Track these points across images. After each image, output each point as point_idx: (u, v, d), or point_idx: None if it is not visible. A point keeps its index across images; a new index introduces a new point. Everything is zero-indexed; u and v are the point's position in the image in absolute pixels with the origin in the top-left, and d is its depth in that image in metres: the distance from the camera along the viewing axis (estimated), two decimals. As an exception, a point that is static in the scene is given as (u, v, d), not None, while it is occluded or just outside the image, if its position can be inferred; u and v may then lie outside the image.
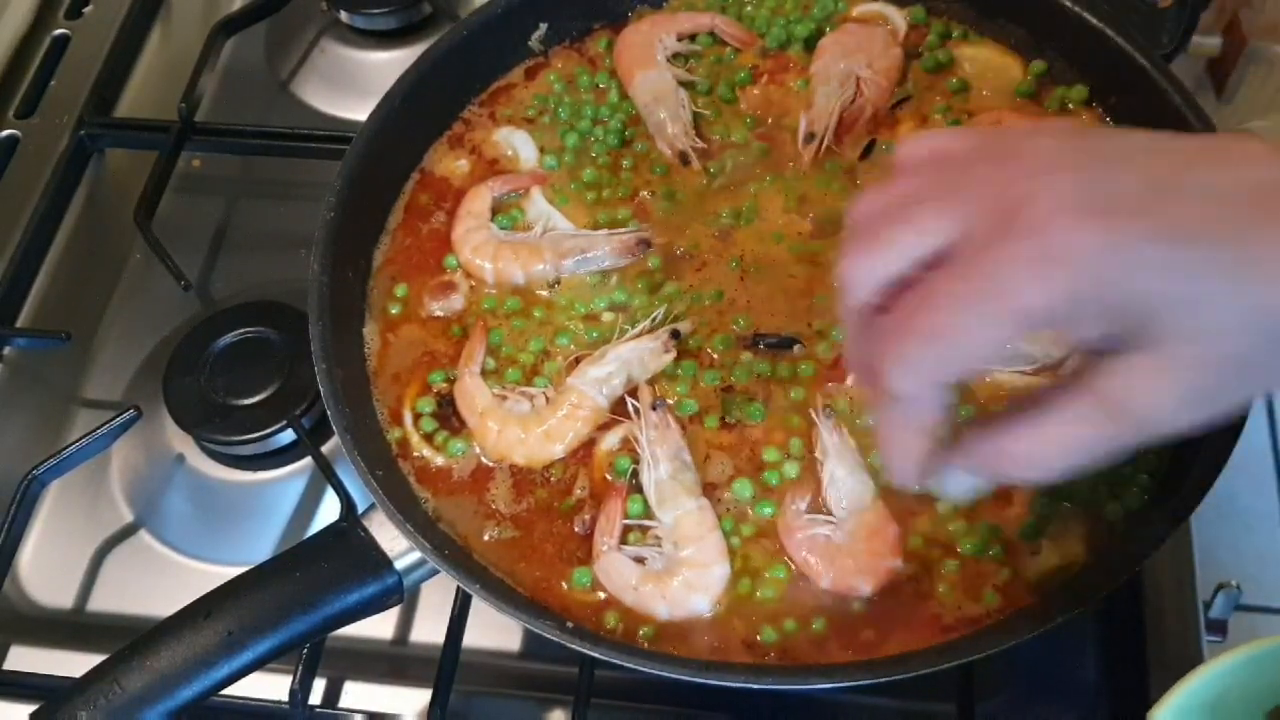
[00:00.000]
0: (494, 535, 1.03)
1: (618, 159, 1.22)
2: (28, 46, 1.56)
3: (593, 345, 1.10)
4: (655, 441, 1.03)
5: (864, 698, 1.08)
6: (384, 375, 1.11)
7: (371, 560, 0.96)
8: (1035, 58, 1.23)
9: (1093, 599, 0.91)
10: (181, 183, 1.41)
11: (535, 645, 1.13)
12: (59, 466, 1.18)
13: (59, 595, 1.19)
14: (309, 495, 1.22)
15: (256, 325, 1.26)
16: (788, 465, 1.03)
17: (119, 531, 1.22)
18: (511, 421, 1.06)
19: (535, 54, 1.29)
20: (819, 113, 1.20)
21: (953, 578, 0.98)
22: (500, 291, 1.15)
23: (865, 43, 1.24)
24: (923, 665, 0.91)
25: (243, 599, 0.93)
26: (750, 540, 1.01)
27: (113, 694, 0.88)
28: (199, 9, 1.62)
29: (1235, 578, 1.08)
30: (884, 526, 0.99)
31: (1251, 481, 1.16)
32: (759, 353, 1.10)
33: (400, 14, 1.52)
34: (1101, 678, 1.08)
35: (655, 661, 0.92)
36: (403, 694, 1.11)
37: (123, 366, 1.32)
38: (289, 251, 1.35)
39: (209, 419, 1.21)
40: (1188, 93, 1.10)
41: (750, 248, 1.15)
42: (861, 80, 1.21)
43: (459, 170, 1.23)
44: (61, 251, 1.41)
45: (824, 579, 0.98)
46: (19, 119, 1.50)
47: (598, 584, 1.00)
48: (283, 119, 1.45)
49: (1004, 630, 0.94)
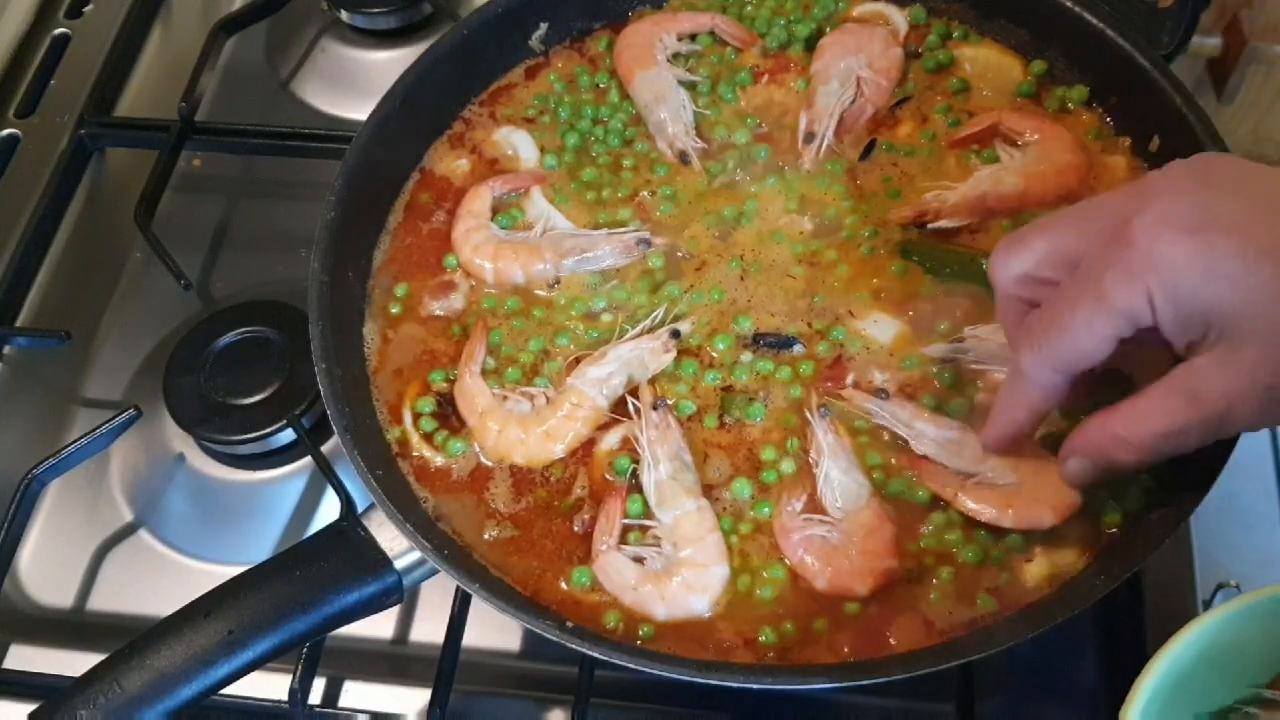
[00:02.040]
0: (494, 535, 1.03)
1: (618, 159, 1.22)
2: (28, 46, 1.57)
3: (593, 345, 1.10)
4: (656, 441, 1.03)
5: (864, 698, 1.08)
6: (384, 375, 1.11)
7: (371, 560, 0.96)
8: (1036, 58, 1.23)
9: (1093, 599, 0.91)
10: (181, 182, 1.42)
11: (535, 645, 1.13)
12: (59, 466, 1.19)
13: (59, 595, 1.19)
14: (309, 495, 1.22)
15: (256, 325, 1.26)
16: (785, 464, 1.04)
17: (119, 531, 1.22)
18: (512, 421, 1.06)
19: (535, 54, 1.29)
20: (819, 113, 1.20)
21: (949, 581, 0.98)
22: (500, 291, 1.15)
23: (865, 43, 1.24)
24: (923, 665, 0.91)
25: (243, 598, 0.93)
26: (748, 539, 1.01)
27: (113, 694, 0.88)
28: (199, 9, 1.62)
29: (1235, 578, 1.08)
30: (880, 527, 0.99)
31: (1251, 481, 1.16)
32: (759, 352, 1.10)
33: (400, 14, 1.52)
34: (1101, 678, 1.08)
35: (655, 661, 0.92)
36: (403, 694, 1.11)
37: (123, 366, 1.32)
38: (289, 251, 1.35)
39: (209, 419, 1.21)
40: (1188, 93, 1.10)
41: (750, 248, 1.15)
42: (862, 80, 1.21)
43: (459, 170, 1.23)
44: (61, 251, 1.41)
45: (820, 579, 0.98)
46: (19, 119, 1.50)
47: (597, 584, 1.00)
48: (283, 119, 1.45)
49: (1004, 630, 0.94)
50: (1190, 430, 0.83)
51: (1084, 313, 0.82)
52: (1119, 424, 0.86)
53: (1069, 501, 0.98)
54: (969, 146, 1.19)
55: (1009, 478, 0.99)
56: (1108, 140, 1.18)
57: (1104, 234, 0.82)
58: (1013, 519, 0.98)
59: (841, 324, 1.10)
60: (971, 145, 1.19)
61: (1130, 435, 0.86)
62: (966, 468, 1.00)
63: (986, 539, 0.99)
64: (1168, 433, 0.84)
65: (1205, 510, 0.93)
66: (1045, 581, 0.98)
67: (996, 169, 1.15)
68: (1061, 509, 0.98)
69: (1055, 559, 0.98)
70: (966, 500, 0.99)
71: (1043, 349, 0.86)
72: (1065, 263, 0.86)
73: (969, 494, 0.99)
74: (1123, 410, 0.86)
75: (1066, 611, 0.91)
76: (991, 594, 0.97)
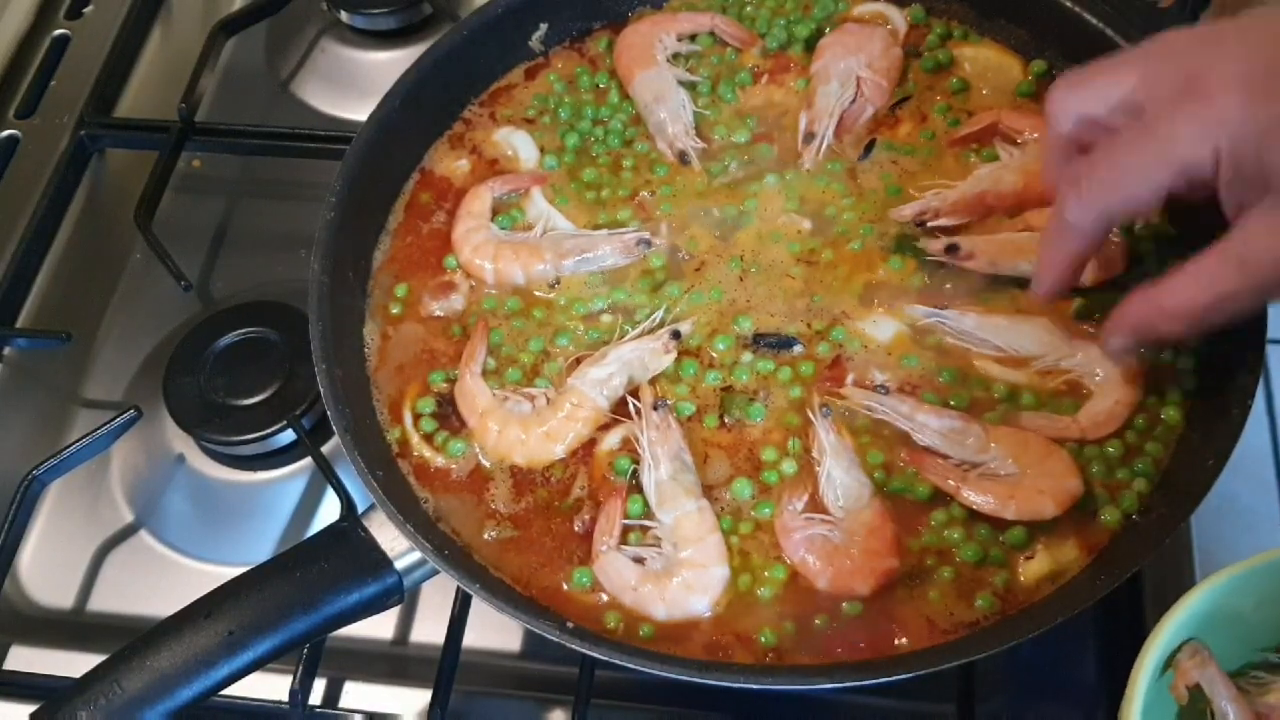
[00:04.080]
0: (494, 535, 1.03)
1: (618, 159, 1.22)
2: (28, 46, 1.57)
3: (593, 346, 1.10)
4: (656, 442, 1.03)
5: (864, 698, 1.08)
6: (384, 375, 1.11)
7: (372, 560, 0.96)
8: (1035, 58, 1.23)
9: (1093, 599, 0.91)
10: (181, 183, 1.42)
11: (535, 645, 1.13)
12: (59, 466, 1.19)
13: (59, 595, 1.19)
14: (309, 495, 1.22)
15: (256, 325, 1.26)
16: (786, 464, 1.04)
17: (119, 531, 1.22)
18: (512, 422, 1.06)
19: (535, 54, 1.29)
20: (819, 113, 1.20)
21: (950, 581, 0.98)
22: (500, 292, 1.15)
23: (865, 43, 1.24)
24: (923, 665, 0.91)
25: (243, 599, 0.93)
26: (749, 538, 1.01)
27: (113, 694, 0.88)
28: (199, 9, 1.62)
29: (1235, 578, 1.08)
30: (881, 526, 0.99)
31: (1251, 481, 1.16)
32: (759, 352, 1.10)
33: (400, 14, 1.52)
34: (1101, 678, 1.08)
35: (655, 662, 0.92)
36: (403, 694, 1.11)
37: (123, 366, 1.32)
38: (289, 251, 1.35)
39: (209, 419, 1.21)
40: (1188, 93, 1.10)
41: (750, 248, 1.15)
42: (862, 80, 1.21)
43: (460, 170, 1.23)
44: (61, 251, 1.41)
45: (821, 579, 0.98)
46: (19, 119, 1.50)
47: (597, 584, 1.00)
48: (283, 119, 1.45)
49: (1004, 630, 0.94)
50: (1238, 296, 0.83)
51: (1144, 159, 0.82)
52: (1165, 296, 0.87)
53: (1070, 491, 0.98)
54: (968, 145, 1.19)
55: (1010, 468, 1.00)
56: (1107, 140, 1.18)
57: (1175, 84, 0.82)
58: (1015, 510, 0.98)
59: (841, 324, 1.10)
60: (971, 144, 1.19)
61: (1176, 307, 0.86)
62: (970, 458, 1.01)
63: (987, 537, 0.99)
64: (1215, 301, 0.84)
65: (1205, 510, 0.93)
66: (1046, 580, 0.98)
67: (996, 167, 1.15)
68: (1063, 499, 0.98)
69: (1056, 556, 0.98)
70: (969, 492, 0.99)
71: (1092, 194, 0.86)
72: (1128, 108, 0.85)
73: (971, 486, 1.00)
74: (1168, 282, 0.86)
75: (1066, 611, 0.91)
76: (992, 593, 0.97)
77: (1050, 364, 1.05)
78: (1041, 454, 1.01)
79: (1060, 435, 1.02)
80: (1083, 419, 1.03)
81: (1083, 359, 1.04)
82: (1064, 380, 1.05)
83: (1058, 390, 1.05)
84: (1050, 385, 1.05)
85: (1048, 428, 1.02)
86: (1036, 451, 1.01)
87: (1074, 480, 0.99)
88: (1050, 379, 1.05)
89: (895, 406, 1.04)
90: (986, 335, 1.07)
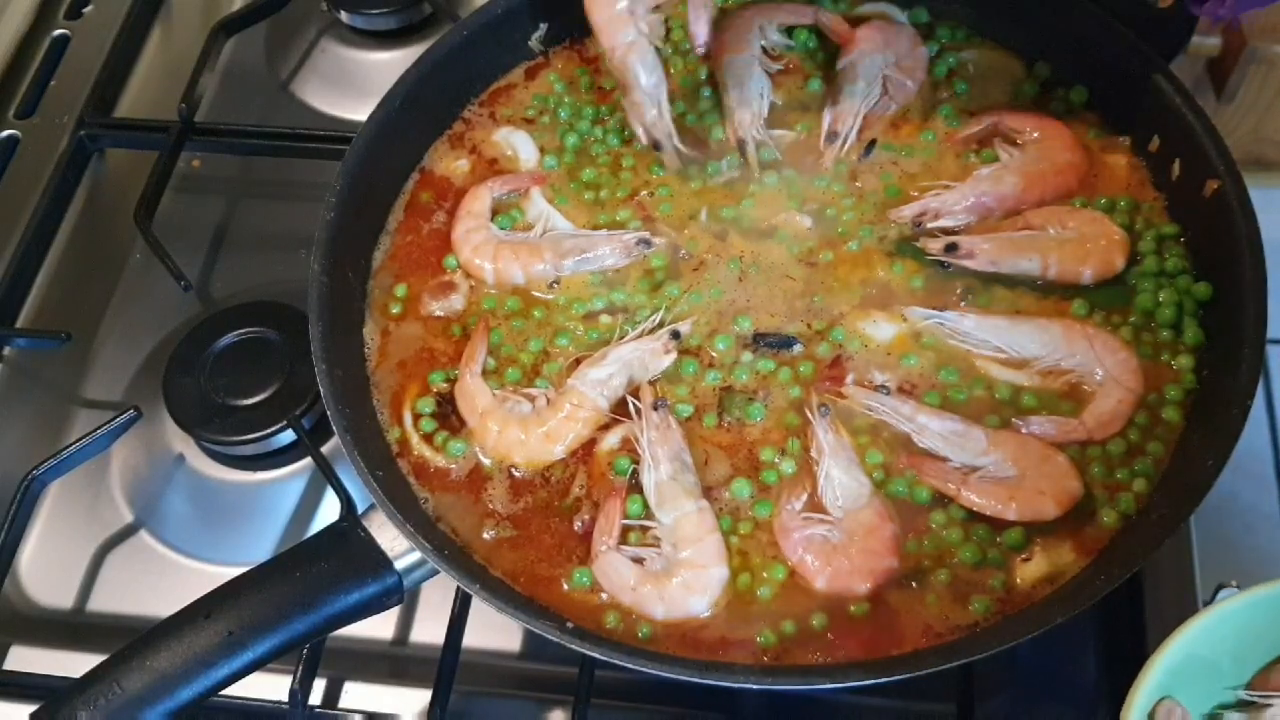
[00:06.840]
0: (493, 534, 1.03)
1: (618, 159, 1.22)
2: (28, 46, 1.57)
3: (592, 346, 1.10)
4: (656, 442, 1.03)
5: (864, 698, 1.08)
6: (384, 375, 1.11)
7: (371, 560, 0.96)
8: (1036, 59, 1.23)
9: (1092, 599, 0.91)
10: (181, 183, 1.42)
11: (535, 645, 1.13)
12: (59, 466, 1.19)
13: (59, 595, 1.19)
14: (309, 495, 1.22)
15: (256, 325, 1.26)
16: (785, 464, 1.04)
17: (119, 531, 1.22)
18: (512, 422, 1.06)
19: (535, 54, 1.29)
20: (843, 112, 1.19)
21: (948, 582, 0.98)
22: (500, 292, 1.15)
23: (893, 40, 1.22)
24: (923, 665, 0.91)
25: (243, 599, 0.93)
26: (748, 538, 1.01)
27: (113, 694, 0.88)
28: (199, 9, 1.62)
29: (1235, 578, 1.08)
30: (880, 526, 0.99)
31: (1251, 481, 1.16)
32: (759, 352, 1.10)
33: (400, 14, 1.52)
34: (1101, 678, 1.08)
35: (655, 661, 0.92)
36: (403, 694, 1.11)
37: (123, 366, 1.32)
38: (289, 251, 1.35)
39: (209, 419, 1.21)
40: (1187, 93, 1.10)
41: (749, 248, 1.15)
42: (888, 80, 1.20)
43: (459, 170, 1.23)
44: (61, 251, 1.41)
45: (820, 579, 0.98)
46: (19, 119, 1.50)
47: (597, 584, 1.00)
48: (283, 119, 1.45)
49: (1004, 630, 0.94)
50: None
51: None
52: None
53: (1070, 491, 0.99)
54: (969, 146, 1.19)
55: (1010, 470, 1.00)
56: (1108, 139, 1.18)
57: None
58: (1016, 511, 0.99)
59: (840, 324, 1.10)
60: (971, 145, 1.19)
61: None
62: (970, 460, 1.01)
63: (985, 538, 0.99)
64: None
65: (1205, 510, 0.93)
66: (1043, 581, 0.98)
67: (996, 168, 1.15)
68: (1063, 499, 0.99)
69: (1053, 558, 0.98)
70: (970, 495, 0.99)
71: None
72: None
73: (972, 489, 1.00)
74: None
75: (1066, 611, 0.91)
76: (991, 594, 0.97)
77: (1050, 364, 1.06)
78: (1041, 456, 1.01)
79: (1067, 439, 1.02)
80: (1088, 420, 1.03)
81: (1083, 359, 1.05)
82: (1064, 381, 1.05)
83: (1059, 391, 1.05)
84: (1051, 386, 1.05)
85: (1055, 435, 1.02)
86: (1036, 454, 1.01)
87: (1074, 481, 0.99)
88: (1051, 379, 1.06)
89: (897, 408, 1.04)
90: (986, 336, 1.07)
